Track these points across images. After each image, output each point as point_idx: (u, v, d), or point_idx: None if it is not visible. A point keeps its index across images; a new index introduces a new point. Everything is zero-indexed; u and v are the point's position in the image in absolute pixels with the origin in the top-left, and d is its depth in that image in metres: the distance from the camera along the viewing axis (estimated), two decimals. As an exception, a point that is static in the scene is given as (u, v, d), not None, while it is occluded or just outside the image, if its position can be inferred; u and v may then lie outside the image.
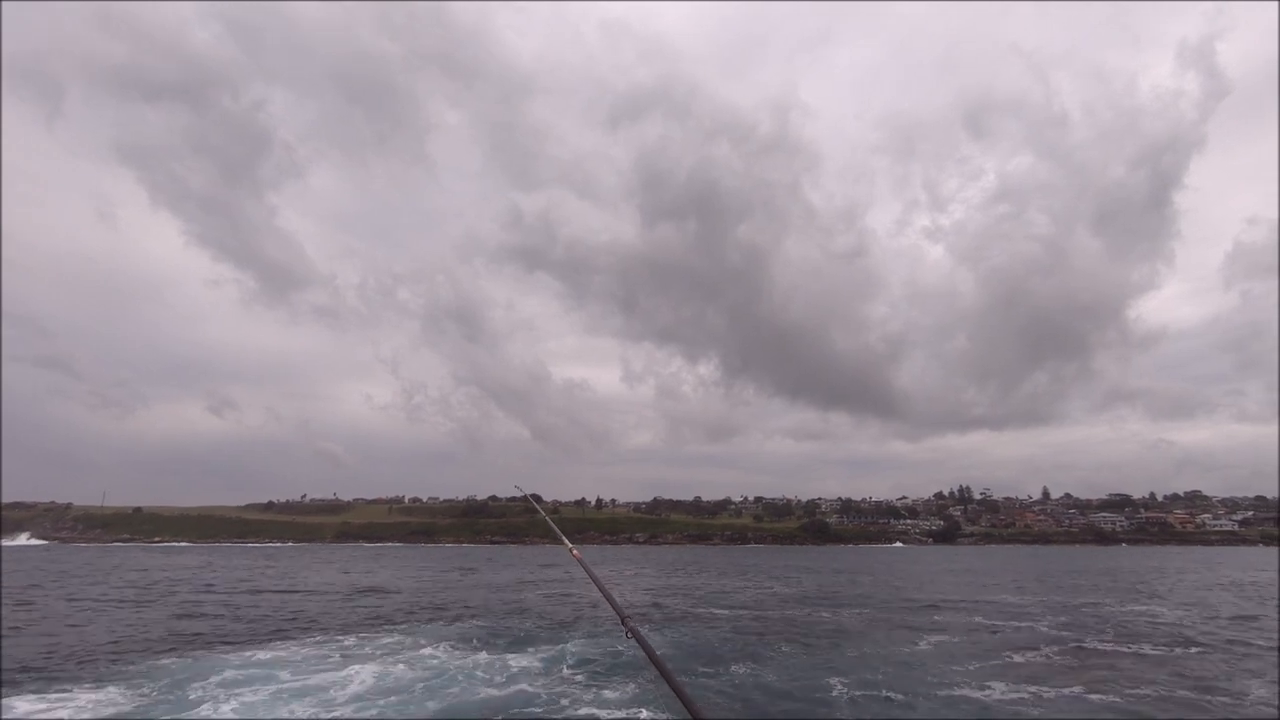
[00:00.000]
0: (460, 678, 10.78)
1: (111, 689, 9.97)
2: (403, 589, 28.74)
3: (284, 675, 10.73)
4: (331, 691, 9.82)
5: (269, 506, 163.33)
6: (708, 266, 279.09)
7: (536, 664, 12.05)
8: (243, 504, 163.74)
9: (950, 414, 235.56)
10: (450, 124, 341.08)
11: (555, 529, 5.35)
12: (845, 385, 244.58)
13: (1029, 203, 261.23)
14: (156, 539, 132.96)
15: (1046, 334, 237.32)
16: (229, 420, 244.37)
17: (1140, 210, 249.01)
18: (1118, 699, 10.23)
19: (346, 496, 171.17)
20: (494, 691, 10.05)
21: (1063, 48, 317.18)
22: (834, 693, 10.49)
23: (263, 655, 12.59)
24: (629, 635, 2.86)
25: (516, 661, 12.16)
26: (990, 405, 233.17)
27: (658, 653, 2.49)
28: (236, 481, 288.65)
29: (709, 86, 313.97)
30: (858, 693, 10.46)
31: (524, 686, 10.32)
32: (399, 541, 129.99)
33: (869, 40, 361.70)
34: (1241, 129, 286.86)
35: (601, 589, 3.42)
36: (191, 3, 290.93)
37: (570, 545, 4.78)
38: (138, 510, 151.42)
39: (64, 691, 9.88)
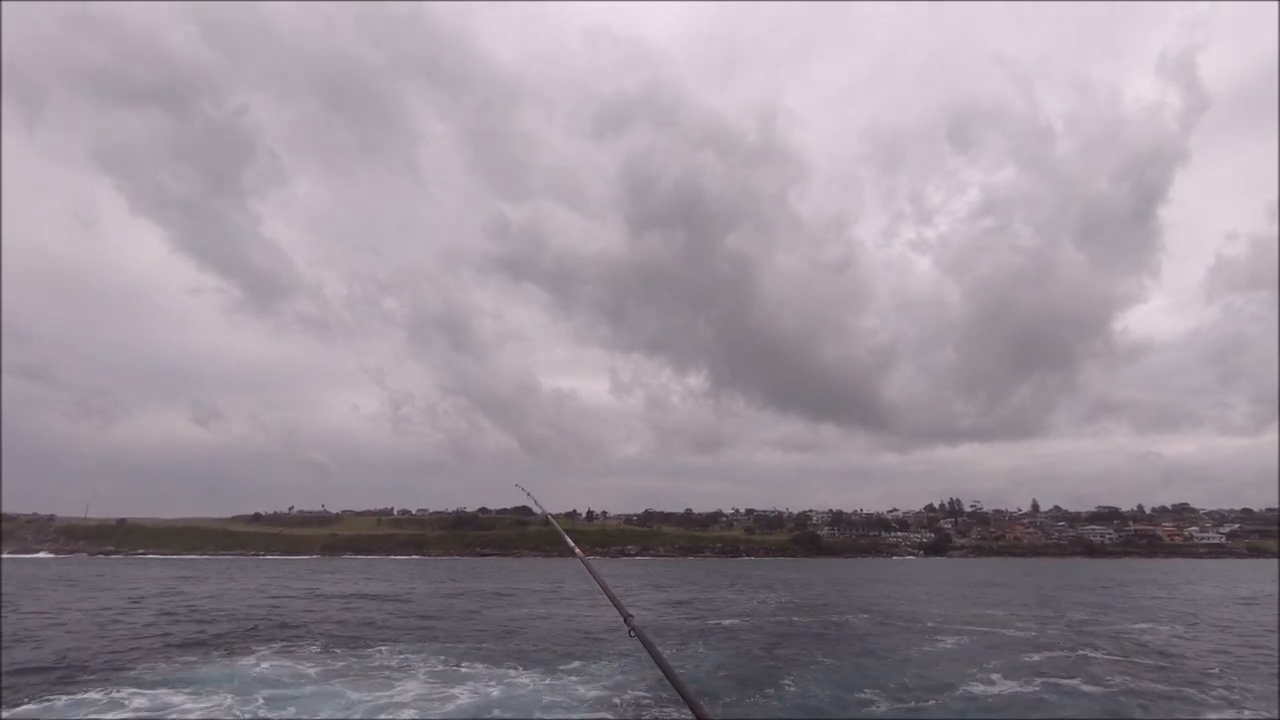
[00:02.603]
0: (527, 698, 10.86)
1: (178, 696, 9.98)
2: (412, 601, 28.43)
3: (350, 694, 10.74)
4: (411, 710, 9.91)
5: (255, 518, 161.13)
6: (696, 276, 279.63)
7: (588, 683, 12.27)
8: (228, 515, 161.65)
9: (939, 425, 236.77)
10: (435, 132, 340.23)
11: (559, 529, 5.39)
12: (834, 396, 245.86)
13: (1014, 215, 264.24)
14: (141, 551, 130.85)
15: (1033, 345, 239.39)
16: (214, 430, 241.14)
17: (1125, 223, 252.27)
18: (1117, 704, 10.20)
19: (334, 508, 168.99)
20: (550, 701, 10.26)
21: (1046, 59, 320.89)
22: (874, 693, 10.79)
23: (307, 669, 12.53)
24: (631, 634, 2.81)
25: (557, 681, 12.37)
26: (978, 416, 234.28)
27: (662, 654, 2.44)
28: (222, 493, 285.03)
29: (694, 95, 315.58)
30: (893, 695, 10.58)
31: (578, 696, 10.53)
32: (387, 554, 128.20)
33: (853, 50, 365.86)
34: (1224, 142, 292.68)
35: (604, 588, 3.44)
36: (171, 2, 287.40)
37: (573, 544, 4.86)
38: (121, 522, 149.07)
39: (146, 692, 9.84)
